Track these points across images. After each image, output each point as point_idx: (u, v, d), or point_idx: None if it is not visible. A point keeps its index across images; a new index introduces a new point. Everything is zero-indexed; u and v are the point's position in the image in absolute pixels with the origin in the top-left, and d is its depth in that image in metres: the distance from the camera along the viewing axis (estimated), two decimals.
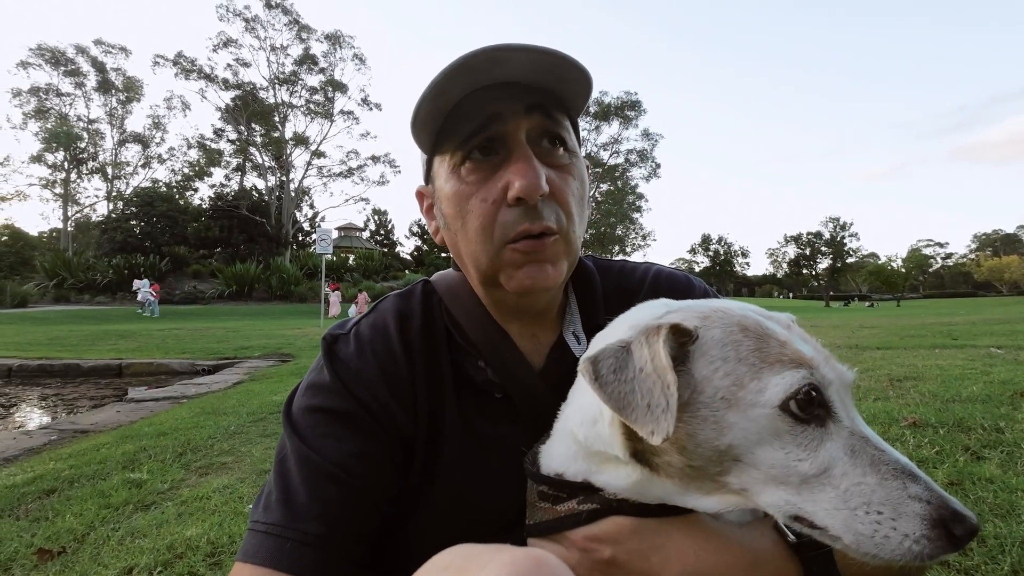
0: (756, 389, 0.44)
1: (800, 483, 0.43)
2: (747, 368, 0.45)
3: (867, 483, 0.41)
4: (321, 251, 14.84)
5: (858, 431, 0.44)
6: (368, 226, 52.21)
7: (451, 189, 0.68)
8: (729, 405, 0.44)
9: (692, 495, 0.49)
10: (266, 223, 36.59)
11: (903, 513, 0.40)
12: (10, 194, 41.32)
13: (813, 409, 0.44)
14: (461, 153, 0.66)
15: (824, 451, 0.43)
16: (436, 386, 0.72)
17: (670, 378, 0.43)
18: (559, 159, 0.68)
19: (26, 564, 1.81)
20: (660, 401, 0.43)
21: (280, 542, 0.60)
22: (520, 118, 0.65)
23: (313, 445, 0.65)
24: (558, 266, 0.67)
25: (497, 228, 0.65)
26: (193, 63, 37.65)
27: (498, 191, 0.64)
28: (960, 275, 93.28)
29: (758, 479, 0.44)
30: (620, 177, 43.90)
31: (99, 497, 2.38)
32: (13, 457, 3.21)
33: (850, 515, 0.41)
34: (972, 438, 2.41)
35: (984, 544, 1.55)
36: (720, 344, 0.46)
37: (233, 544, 1.85)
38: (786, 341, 0.46)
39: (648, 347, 0.45)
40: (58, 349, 8.47)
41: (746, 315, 0.49)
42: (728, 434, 0.44)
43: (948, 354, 5.05)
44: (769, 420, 0.43)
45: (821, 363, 0.46)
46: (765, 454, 0.44)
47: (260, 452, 2.99)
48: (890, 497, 0.40)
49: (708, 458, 0.46)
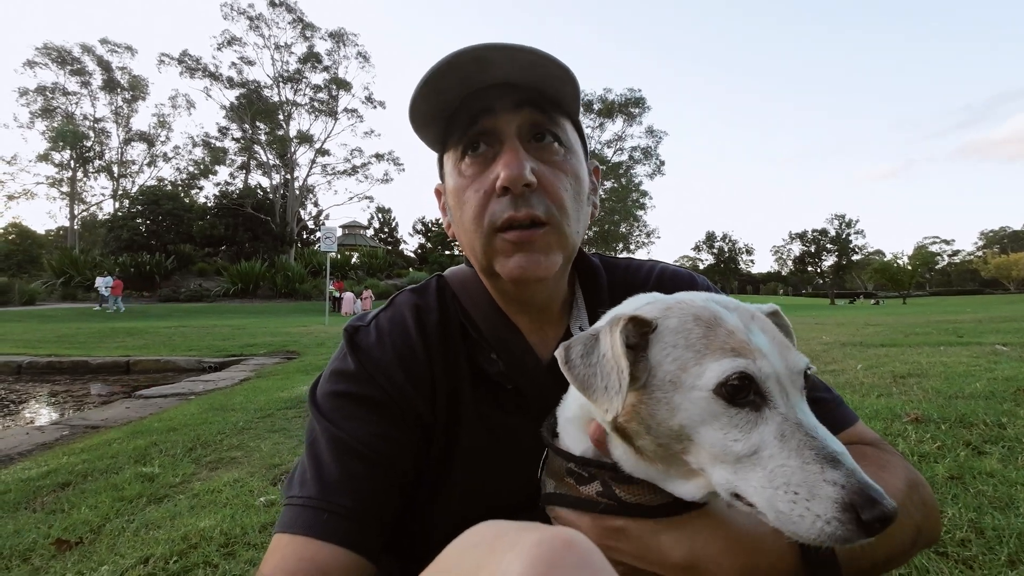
0: (696, 373, 0.48)
1: (735, 462, 0.46)
2: (692, 354, 0.49)
3: (790, 465, 0.44)
4: (325, 249, 14.87)
5: (792, 418, 0.46)
6: (372, 224, 52.37)
7: (453, 183, 0.73)
8: (675, 388, 0.49)
9: (674, 479, 0.53)
10: (271, 221, 36.69)
11: (817, 495, 0.42)
12: (17, 193, 41.64)
13: (747, 395, 0.47)
14: (460, 149, 0.71)
15: (756, 434, 0.46)
16: (453, 378, 0.75)
17: (623, 363, 0.48)
18: (552, 155, 0.70)
19: (44, 554, 1.86)
20: (614, 383, 0.48)
21: (317, 513, 0.63)
22: (510, 112, 0.68)
23: (340, 426, 0.69)
24: (550, 256, 0.70)
25: (487, 216, 0.68)
26: (198, 62, 37.77)
27: (489, 182, 0.68)
28: (967, 273, 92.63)
29: (707, 458, 0.48)
30: (624, 174, 43.78)
31: (112, 490, 2.43)
32: (26, 452, 3.26)
33: (773, 494, 0.44)
34: (974, 433, 2.43)
35: (983, 536, 1.57)
36: (673, 332, 0.51)
37: (246, 536, 1.90)
38: (734, 330, 0.49)
39: (610, 336, 0.51)
40: (66, 346, 8.56)
41: (706, 306, 0.52)
42: (678, 414, 0.48)
43: (953, 351, 5.04)
44: (706, 403, 0.47)
45: (768, 353, 0.48)
46: (707, 434, 0.48)
47: (269, 447, 3.04)
48: (807, 479, 0.43)
49: (668, 436, 0.50)
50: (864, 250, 61.57)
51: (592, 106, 41.81)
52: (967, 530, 1.60)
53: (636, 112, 42.25)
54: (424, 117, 0.70)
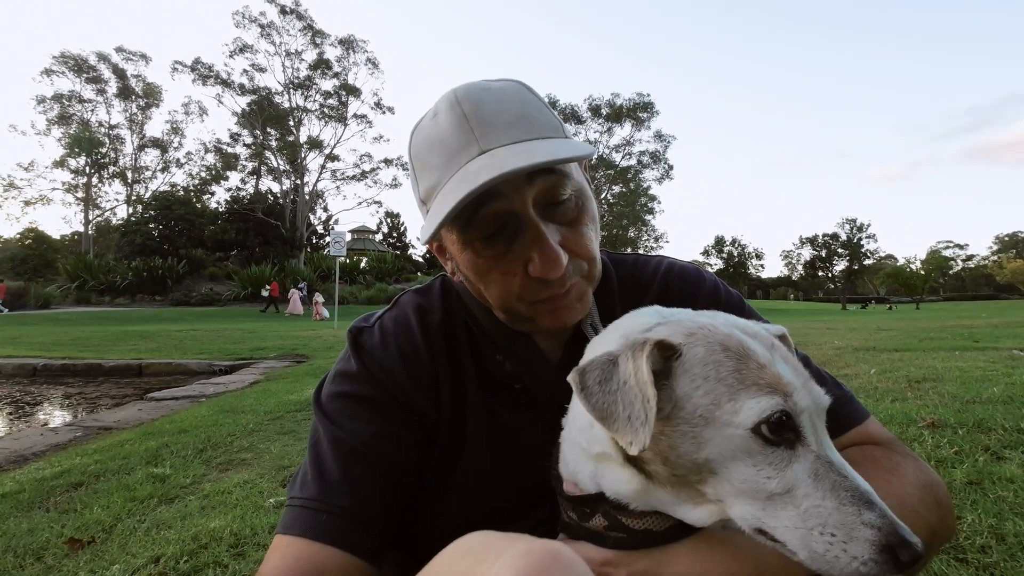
0: (731, 410, 0.46)
1: (766, 499, 0.45)
2: (725, 388, 0.47)
3: (825, 506, 0.44)
4: (335, 253, 14.98)
5: (824, 456, 0.46)
6: (381, 229, 52.56)
7: (468, 260, 0.68)
8: (707, 423, 0.47)
9: (683, 506, 0.52)
10: (281, 226, 37.04)
11: (854, 537, 0.42)
12: (34, 198, 42.39)
13: (784, 433, 0.46)
14: (469, 231, 0.65)
15: (791, 472, 0.45)
16: (458, 378, 0.75)
17: (650, 392, 0.46)
18: (571, 214, 0.66)
19: (57, 553, 1.87)
20: (640, 414, 0.45)
21: (316, 515, 0.63)
22: (523, 189, 0.62)
23: (343, 427, 0.68)
24: (584, 300, 0.70)
25: (523, 298, 0.67)
26: (210, 69, 38.38)
27: (519, 266, 0.65)
28: (982, 277, 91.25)
29: (730, 492, 0.47)
30: (632, 179, 43.71)
31: (124, 491, 2.44)
32: (40, 452, 3.30)
33: (807, 533, 0.44)
34: (992, 438, 2.38)
35: (1004, 542, 1.54)
36: (702, 363, 0.48)
37: (255, 536, 1.90)
38: (766, 364, 0.48)
39: (632, 361, 0.48)
40: (80, 349, 8.67)
41: (731, 334, 0.50)
42: (705, 449, 0.47)
43: (969, 356, 4.96)
44: (742, 440, 0.46)
45: (798, 388, 0.48)
46: (737, 470, 0.46)
47: (278, 449, 3.05)
48: (845, 521, 0.43)
49: (688, 468, 0.48)
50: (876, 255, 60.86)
51: (600, 111, 41.86)
52: (987, 536, 1.57)
53: (644, 116, 42.20)
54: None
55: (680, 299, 0.80)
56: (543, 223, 0.64)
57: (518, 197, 0.63)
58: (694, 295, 0.81)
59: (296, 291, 23.26)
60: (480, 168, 0.60)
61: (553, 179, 0.64)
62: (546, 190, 0.64)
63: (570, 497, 0.60)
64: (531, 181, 0.63)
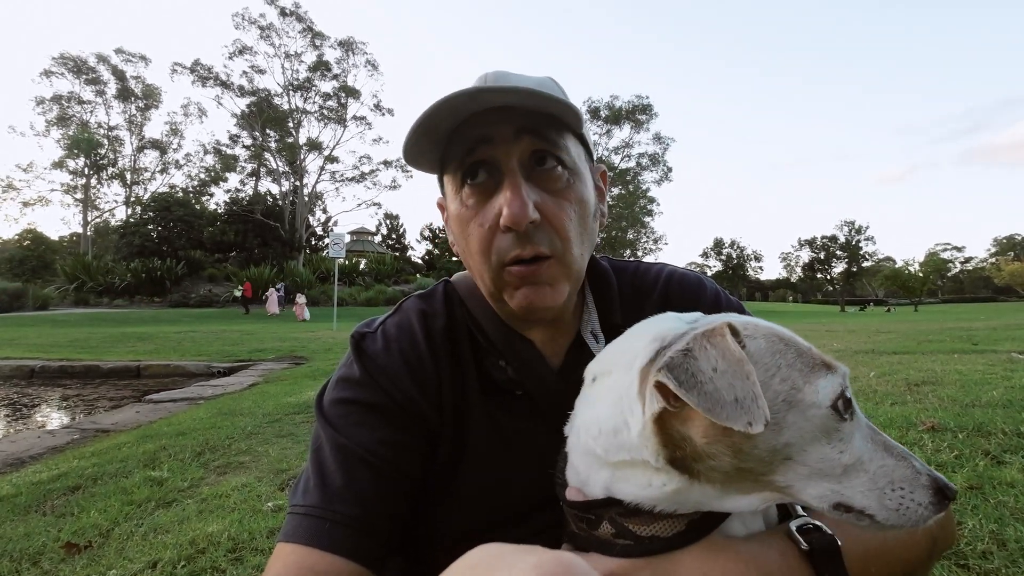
0: (811, 391, 0.48)
1: (841, 473, 0.48)
2: (798, 373, 0.49)
3: (887, 464, 0.48)
4: (334, 255, 15.00)
5: (866, 422, 0.51)
6: (380, 230, 52.60)
7: (455, 211, 0.70)
8: (790, 407, 0.48)
9: (731, 497, 0.52)
10: (280, 227, 37.02)
11: (917, 486, 0.47)
12: (33, 199, 42.35)
13: (848, 407, 0.49)
14: (460, 176, 0.68)
15: (855, 442, 0.49)
16: (461, 384, 0.75)
17: (748, 367, 0.46)
18: (555, 182, 0.67)
19: (54, 557, 1.86)
20: (747, 393, 0.45)
21: (319, 522, 0.62)
22: (510, 142, 0.65)
23: (346, 433, 0.68)
24: (557, 287, 0.69)
25: (493, 253, 0.67)
26: (210, 70, 38.37)
27: (492, 216, 0.66)
28: (980, 279, 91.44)
29: (803, 475, 0.49)
30: (631, 181, 43.79)
31: (122, 494, 2.43)
32: (38, 455, 3.29)
33: (880, 494, 0.48)
34: (992, 442, 2.38)
35: (1005, 548, 1.53)
36: (769, 352, 0.50)
37: (253, 540, 1.89)
38: (811, 347, 0.51)
39: (715, 347, 0.48)
40: (78, 351, 8.65)
41: (773, 326, 0.53)
42: (785, 433, 0.48)
43: (968, 359, 4.96)
44: (823, 419, 0.48)
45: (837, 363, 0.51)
46: (815, 450, 0.48)
47: (277, 452, 3.04)
48: (906, 475, 0.48)
49: (760, 457, 0.48)
50: (874, 257, 60.95)
51: (599, 113, 41.93)
52: (988, 542, 1.56)
53: (643, 119, 42.29)
54: (419, 155, 0.69)
55: (682, 306, 0.80)
56: (524, 181, 0.65)
57: (504, 147, 0.65)
58: (696, 302, 0.81)
59: (273, 291, 23.39)
60: (463, 89, 0.62)
61: (543, 143, 0.66)
62: (533, 149, 0.66)
63: (573, 504, 0.59)
64: (519, 137, 0.65)
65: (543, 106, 0.64)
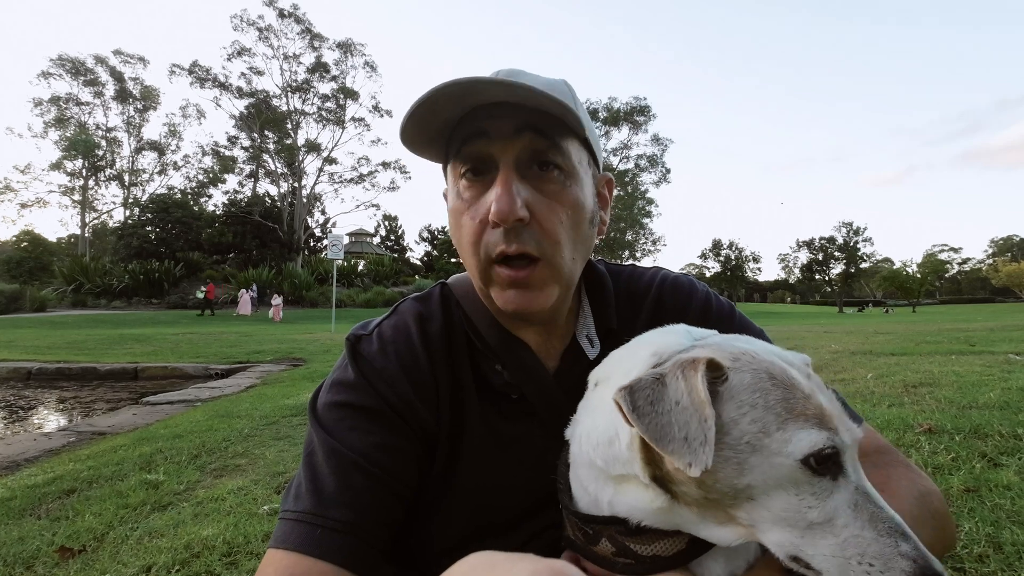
0: (782, 439, 0.46)
1: (806, 528, 0.46)
2: (774, 417, 0.47)
3: (864, 536, 0.45)
4: (332, 256, 14.98)
5: (862, 487, 0.47)
6: (379, 232, 52.56)
7: (452, 203, 0.71)
8: (754, 450, 0.46)
9: (708, 525, 0.51)
10: (278, 229, 36.98)
11: (891, 568, 0.44)
12: (31, 201, 42.24)
13: (828, 464, 0.47)
14: (459, 168, 0.68)
15: (832, 502, 0.46)
16: (457, 387, 0.74)
17: (708, 412, 0.45)
18: (550, 183, 0.67)
19: (48, 562, 1.85)
20: (698, 434, 0.45)
21: (311, 528, 0.61)
22: (508, 139, 0.65)
23: (339, 438, 0.67)
24: (545, 291, 0.68)
25: (482, 247, 0.67)
26: (208, 72, 38.32)
27: (484, 210, 0.66)
28: (978, 281, 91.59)
29: (767, 518, 0.47)
30: (630, 182, 43.84)
31: (117, 497, 2.42)
32: (33, 458, 3.28)
33: (844, 563, 0.44)
34: (989, 445, 2.38)
35: (1001, 551, 1.53)
36: (750, 390, 0.48)
37: (249, 544, 1.88)
38: (810, 395, 0.48)
39: (685, 380, 0.47)
40: (76, 353, 8.63)
41: (774, 362, 0.50)
42: (748, 475, 0.47)
43: (965, 360, 4.96)
44: (790, 470, 0.46)
45: (840, 422, 0.48)
46: (779, 498, 0.47)
47: (273, 455, 3.03)
48: (883, 552, 0.44)
49: (724, 493, 0.48)
50: (872, 258, 61.07)
51: (598, 114, 41.97)
52: (985, 545, 1.56)
53: (642, 120, 42.39)
54: (420, 140, 0.68)
55: (673, 309, 0.81)
56: (518, 179, 0.65)
57: (501, 143, 0.65)
58: (686, 305, 0.82)
59: (245, 292, 23.60)
60: (462, 77, 0.61)
61: (542, 143, 0.65)
62: (533, 149, 0.65)
63: (577, 513, 0.59)
64: (519, 135, 0.65)
65: (545, 106, 0.63)
